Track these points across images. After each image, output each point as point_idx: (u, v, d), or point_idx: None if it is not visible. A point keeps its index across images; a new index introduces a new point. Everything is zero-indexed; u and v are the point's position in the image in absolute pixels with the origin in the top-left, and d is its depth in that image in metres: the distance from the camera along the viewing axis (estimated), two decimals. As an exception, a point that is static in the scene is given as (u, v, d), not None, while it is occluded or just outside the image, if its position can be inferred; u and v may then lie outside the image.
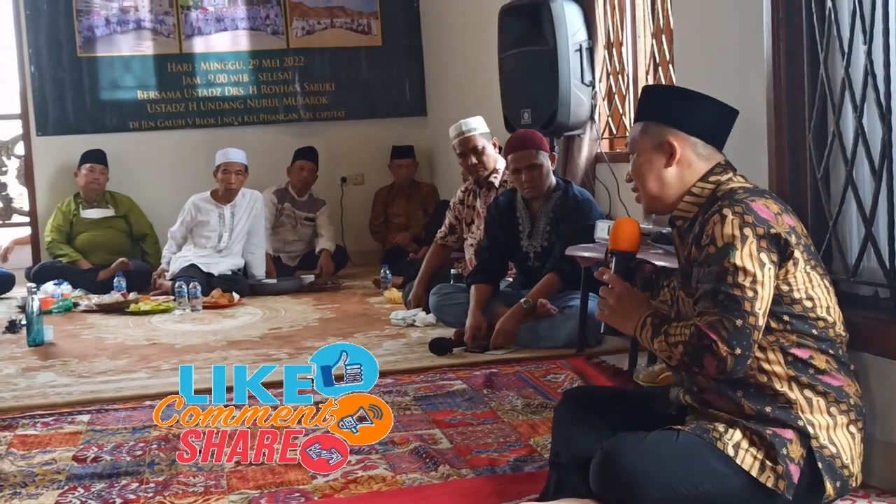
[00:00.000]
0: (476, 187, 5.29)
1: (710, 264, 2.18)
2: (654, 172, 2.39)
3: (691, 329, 2.17)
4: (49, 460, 3.03)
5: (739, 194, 2.24)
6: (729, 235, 2.16)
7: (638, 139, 2.42)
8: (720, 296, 2.14)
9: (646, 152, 2.40)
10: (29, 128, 7.55)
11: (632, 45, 5.15)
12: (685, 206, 2.38)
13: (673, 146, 2.36)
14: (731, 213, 2.18)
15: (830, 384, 2.21)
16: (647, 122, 2.42)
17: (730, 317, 2.12)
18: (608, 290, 2.41)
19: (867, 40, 2.60)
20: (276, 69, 7.89)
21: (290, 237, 7.30)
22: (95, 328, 5.47)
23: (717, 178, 2.35)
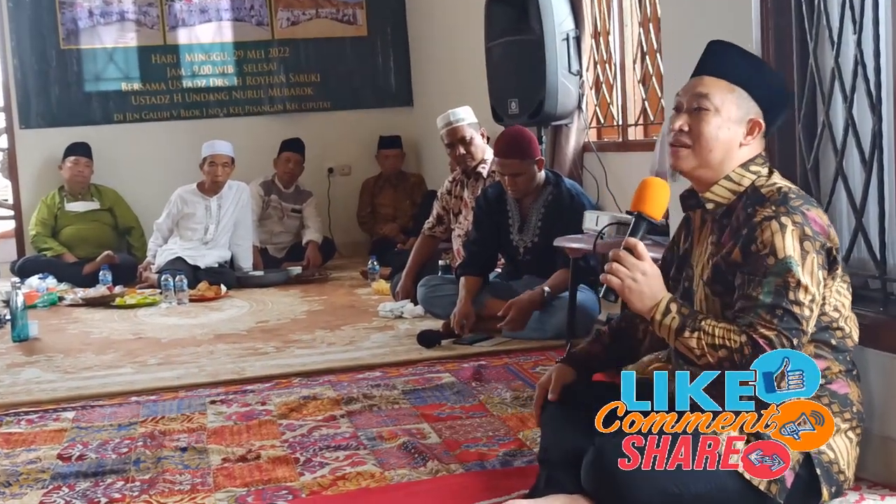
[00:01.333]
0: (464, 177, 5.27)
1: (767, 275, 2.08)
2: (727, 143, 2.24)
3: (742, 338, 2.07)
4: (33, 459, 2.99)
5: (793, 200, 2.14)
6: (791, 248, 2.07)
7: (726, 99, 2.23)
8: (779, 310, 2.06)
9: (729, 119, 2.23)
10: (12, 120, 7.50)
11: (619, 34, 5.13)
12: (720, 190, 2.26)
13: (759, 126, 2.25)
14: (790, 223, 2.09)
15: (837, 392, 2.19)
16: (737, 87, 2.24)
17: (787, 335, 2.06)
18: (634, 262, 2.18)
19: (857, 30, 2.58)
20: (261, 60, 7.84)
21: (276, 229, 7.26)
22: (81, 322, 5.43)
23: (758, 170, 2.26)
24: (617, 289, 2.19)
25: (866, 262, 2.63)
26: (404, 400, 3.47)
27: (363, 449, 2.94)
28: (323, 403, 3.46)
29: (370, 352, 4.29)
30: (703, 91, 2.24)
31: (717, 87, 2.24)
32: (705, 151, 2.24)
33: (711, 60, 2.29)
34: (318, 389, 3.65)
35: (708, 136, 2.22)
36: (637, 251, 2.18)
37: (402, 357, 4.13)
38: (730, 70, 2.26)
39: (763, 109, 2.25)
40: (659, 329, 2.19)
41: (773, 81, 2.34)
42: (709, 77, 2.26)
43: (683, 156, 2.26)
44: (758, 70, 2.32)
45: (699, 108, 2.23)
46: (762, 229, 2.11)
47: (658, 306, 2.17)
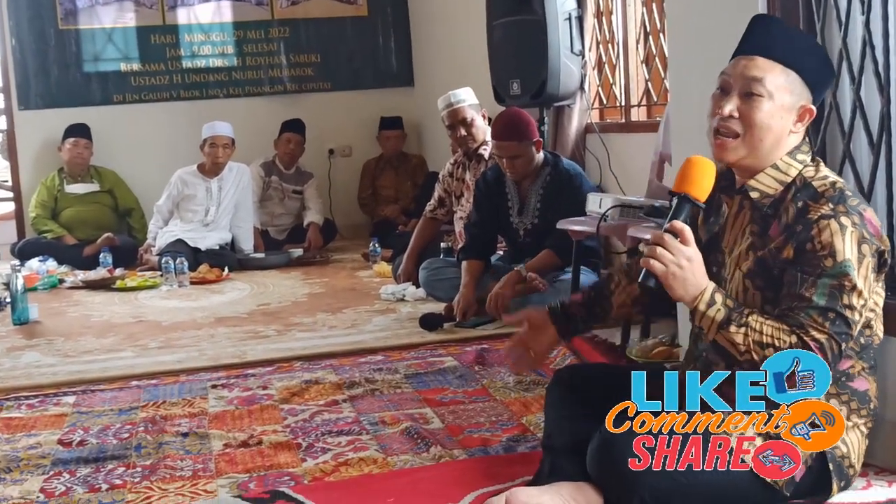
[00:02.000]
0: (465, 159, 5.23)
1: (823, 276, 2.00)
2: (779, 131, 2.10)
3: (792, 339, 1.99)
4: (34, 444, 2.97)
5: (850, 199, 2.04)
6: (849, 251, 1.99)
7: (780, 84, 2.08)
8: (832, 314, 1.99)
9: (782, 106, 2.08)
10: (11, 102, 7.46)
11: (622, 14, 5.09)
12: (767, 179, 2.14)
13: (810, 113, 2.12)
14: (850, 224, 2.00)
15: (857, 389, 2.15)
16: (792, 71, 2.09)
17: (838, 340, 1.99)
18: (680, 247, 2.02)
19: (865, 10, 2.54)
20: (260, 40, 7.80)
21: (277, 210, 7.24)
22: (81, 305, 5.41)
23: (804, 159, 2.14)
24: (660, 275, 2.02)
25: (874, 246, 2.60)
26: (406, 384, 3.45)
27: (365, 434, 2.92)
28: (325, 388, 3.44)
29: (372, 335, 4.27)
30: (757, 75, 2.08)
31: (771, 71, 2.08)
32: (756, 141, 2.10)
33: (763, 39, 2.12)
34: (319, 373, 3.64)
35: (760, 125, 2.08)
36: (683, 235, 2.02)
37: (404, 340, 4.11)
38: (784, 51, 2.09)
39: (813, 93, 2.12)
40: (701, 320, 2.06)
41: (824, 61, 2.20)
42: (762, 58, 2.09)
43: (732, 147, 2.11)
44: (810, 50, 2.17)
45: (751, 93, 2.08)
46: (820, 229, 2.01)
47: (702, 296, 2.05)
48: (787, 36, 2.16)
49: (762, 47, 2.11)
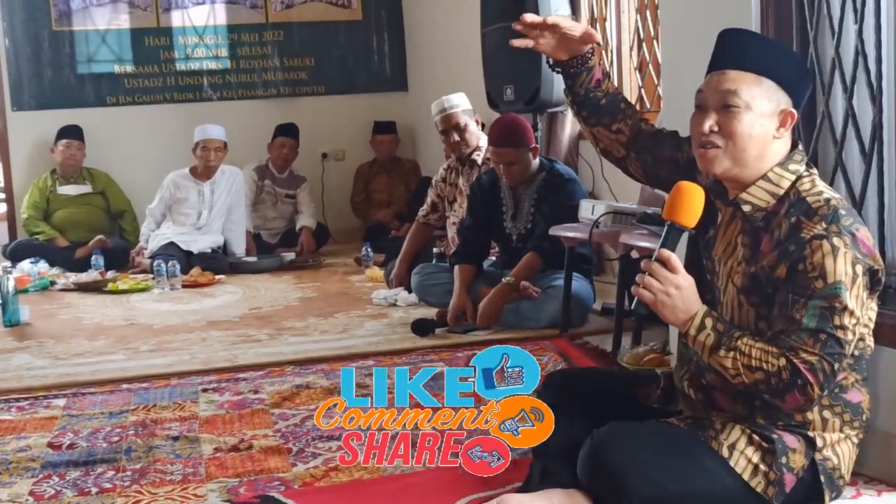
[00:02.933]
0: (458, 164, 5.24)
1: (813, 298, 1.98)
2: (762, 139, 2.08)
3: (781, 361, 1.98)
4: (23, 447, 2.97)
5: (844, 218, 2.02)
6: (842, 273, 1.97)
7: (755, 93, 2.07)
8: (822, 335, 1.97)
9: (761, 113, 2.07)
10: (4, 102, 7.44)
11: (615, 21, 5.10)
12: (758, 192, 2.11)
13: (791, 116, 2.09)
14: (842, 245, 1.98)
15: (850, 401, 2.15)
16: (764, 78, 2.08)
17: (829, 360, 1.97)
18: (667, 275, 2.05)
19: (858, 19, 2.55)
20: (254, 43, 7.79)
21: (270, 214, 7.23)
22: (73, 307, 5.40)
23: (797, 169, 2.11)
24: (649, 303, 2.06)
25: (865, 255, 2.60)
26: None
27: (356, 439, 2.91)
28: (316, 392, 3.43)
29: (364, 340, 4.26)
30: (730, 87, 2.07)
31: (744, 81, 2.07)
32: (739, 151, 2.08)
33: (731, 51, 2.12)
34: (311, 378, 3.63)
35: (742, 135, 2.07)
36: (671, 264, 2.05)
37: (395, 346, 4.11)
38: (754, 60, 2.09)
39: (792, 96, 2.11)
40: (693, 344, 2.08)
41: (797, 64, 2.20)
42: (732, 70, 2.09)
43: (716, 157, 2.10)
44: (782, 55, 2.16)
45: (728, 105, 2.07)
46: (812, 249, 1.99)
47: (693, 321, 2.06)
48: (756, 44, 2.16)
49: (732, 60, 2.11)
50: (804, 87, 2.18)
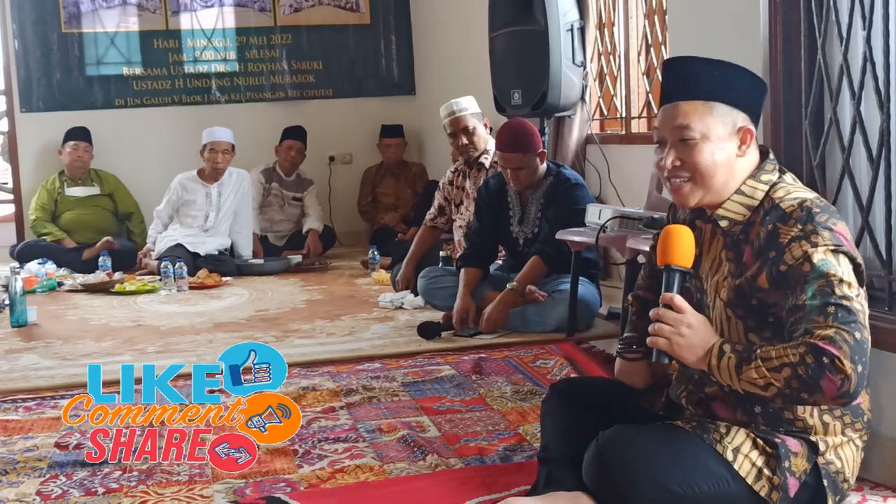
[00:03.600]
0: (466, 168, 5.24)
1: (808, 281, 1.96)
2: (726, 163, 2.09)
3: (801, 349, 1.91)
4: (31, 447, 2.97)
5: (818, 215, 2.01)
6: (824, 255, 1.97)
7: (708, 122, 2.07)
8: (830, 307, 1.93)
9: (718, 138, 2.08)
10: (13, 104, 7.48)
11: (624, 26, 5.10)
12: (733, 206, 2.12)
13: (750, 133, 2.10)
14: (821, 239, 1.98)
15: (851, 404, 2.12)
16: (713, 103, 2.08)
17: (846, 328, 1.90)
18: (676, 317, 2.03)
19: (866, 26, 2.56)
20: (263, 46, 7.82)
21: (277, 217, 7.24)
22: (80, 308, 5.41)
23: (770, 179, 2.12)
24: (666, 349, 2.04)
25: (872, 261, 2.61)
26: (404, 392, 3.45)
27: (362, 441, 2.92)
28: (322, 395, 3.44)
29: (370, 343, 4.27)
30: (682, 122, 2.08)
31: (694, 112, 2.08)
32: (707, 180, 2.10)
33: (677, 82, 2.13)
34: (317, 380, 3.64)
35: (705, 165, 2.08)
36: (675, 305, 2.04)
37: (401, 349, 4.11)
38: (700, 87, 2.10)
39: (747, 112, 2.11)
40: (719, 375, 2.02)
41: (744, 78, 2.17)
42: (682, 102, 2.10)
43: (687, 192, 2.12)
44: (725, 74, 2.13)
45: (684, 139, 2.09)
46: (791, 250, 2.00)
47: (712, 352, 2.03)
48: (701, 71, 2.13)
49: (679, 91, 2.12)
50: (757, 98, 2.18)
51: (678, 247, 2.09)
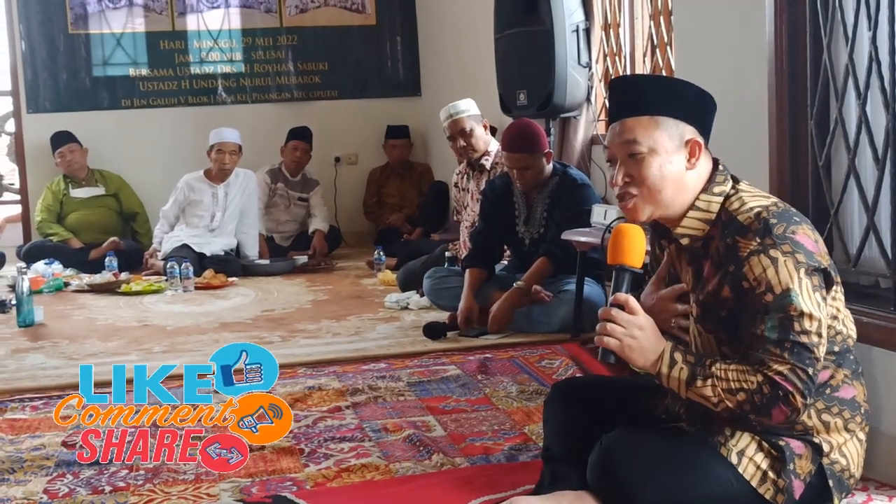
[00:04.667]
0: (469, 169, 5.25)
1: (769, 311, 1.97)
2: (675, 176, 2.09)
3: (758, 377, 1.97)
4: (38, 445, 2.98)
5: (776, 227, 2.00)
6: (786, 281, 1.96)
7: (654, 135, 2.08)
8: (787, 343, 1.96)
9: (666, 151, 2.08)
10: (20, 105, 7.49)
11: (629, 27, 5.10)
12: (691, 223, 2.12)
13: (698, 145, 2.10)
14: (780, 254, 1.97)
15: (844, 398, 2.14)
16: (659, 117, 2.09)
17: (802, 366, 1.96)
18: (629, 318, 2.03)
19: (872, 26, 2.56)
20: (269, 47, 7.83)
21: (283, 217, 7.25)
22: (86, 309, 5.43)
23: (723, 190, 2.12)
24: (616, 350, 2.03)
25: (877, 262, 2.61)
26: (409, 392, 3.46)
27: (368, 441, 2.93)
28: (328, 394, 3.45)
29: (375, 343, 4.28)
30: (629, 137, 2.10)
31: (640, 127, 2.09)
32: (655, 194, 2.10)
33: (621, 101, 2.16)
34: (323, 380, 3.65)
35: (653, 179, 2.08)
36: (629, 306, 2.04)
37: (407, 349, 4.12)
38: (643, 103, 2.11)
39: (694, 125, 2.12)
40: (668, 382, 2.05)
41: (689, 92, 2.17)
42: (628, 118, 2.11)
43: (635, 207, 2.12)
44: (669, 89, 2.18)
45: (632, 154, 2.10)
46: (751, 265, 2.00)
47: (662, 359, 2.04)
48: (645, 88, 2.17)
49: (625, 108, 2.14)
50: (704, 113, 2.17)
51: (630, 246, 2.08)
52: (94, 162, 7.26)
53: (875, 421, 2.28)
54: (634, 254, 2.08)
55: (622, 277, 2.08)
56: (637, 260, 2.08)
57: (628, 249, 2.08)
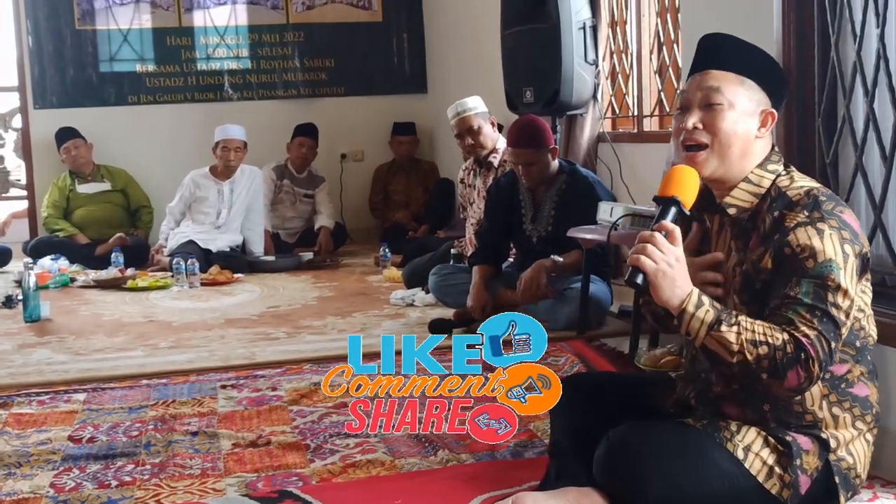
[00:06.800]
0: (476, 166, 5.25)
1: (806, 276, 1.97)
2: (745, 136, 2.10)
3: (784, 335, 1.94)
4: (44, 440, 2.99)
5: (825, 203, 2.02)
6: (831, 251, 1.96)
7: (738, 92, 2.10)
8: (818, 311, 1.95)
9: (744, 112, 2.10)
10: (26, 100, 7.51)
11: (636, 24, 5.09)
12: (741, 194, 2.13)
13: (772, 116, 2.12)
14: (827, 227, 1.98)
15: (857, 395, 2.13)
16: (746, 78, 2.11)
17: (827, 337, 1.94)
18: (670, 246, 1.98)
19: (880, 23, 2.56)
20: (275, 44, 7.83)
21: (288, 214, 7.26)
22: (92, 304, 5.44)
23: (776, 169, 2.13)
24: (650, 272, 1.96)
25: (884, 259, 2.61)
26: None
27: (373, 436, 2.93)
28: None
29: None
30: (714, 84, 2.10)
31: (726, 80, 2.10)
32: (724, 148, 2.09)
33: (712, 53, 2.16)
34: (328, 376, 3.64)
35: (726, 132, 2.08)
36: (673, 236, 1.99)
37: (413, 345, 4.11)
38: (735, 61, 2.12)
39: (771, 98, 2.14)
40: (689, 322, 1.99)
41: (775, 68, 2.22)
42: (715, 70, 2.12)
43: (703, 159, 2.11)
44: (760, 58, 2.18)
45: (711, 103, 2.10)
46: (796, 234, 2.00)
47: (690, 297, 1.99)
48: (736, 47, 2.17)
49: (714, 61, 2.14)
50: (782, 89, 2.20)
51: (683, 182, 2.06)
52: (101, 158, 7.27)
53: (882, 419, 2.27)
54: (688, 191, 2.05)
55: (668, 209, 2.04)
56: (689, 197, 2.05)
57: (683, 185, 2.05)
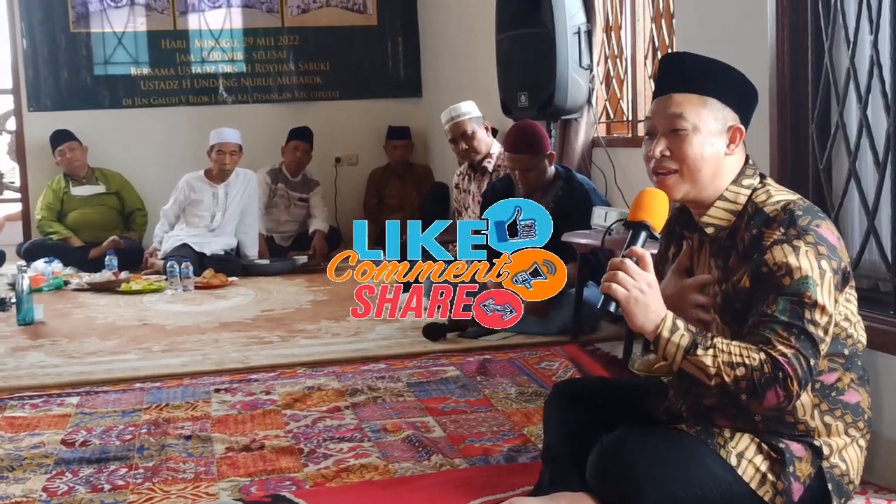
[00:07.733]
0: (470, 171, 5.25)
1: (783, 294, 1.96)
2: (714, 157, 2.09)
3: (761, 356, 1.94)
4: (37, 444, 2.99)
5: (801, 219, 2.01)
6: (806, 269, 1.95)
7: (701, 114, 2.08)
8: (795, 329, 1.94)
9: (709, 133, 2.08)
10: (21, 103, 7.49)
11: (631, 29, 5.10)
12: (717, 212, 2.12)
13: (740, 132, 2.11)
14: (803, 244, 1.97)
15: (849, 403, 2.13)
16: (708, 98, 2.08)
17: (805, 355, 1.93)
18: (641, 272, 1.98)
19: (874, 30, 2.57)
20: (270, 48, 7.83)
21: (283, 217, 7.25)
22: (86, 307, 5.43)
23: (751, 183, 2.12)
24: (622, 300, 1.97)
25: (877, 265, 2.62)
26: (409, 392, 3.46)
27: (367, 441, 2.93)
28: (327, 394, 3.45)
29: (375, 343, 4.27)
30: (675, 111, 2.08)
31: (689, 103, 2.08)
32: (694, 173, 2.09)
33: (673, 76, 2.14)
34: (322, 380, 3.65)
35: (693, 157, 2.07)
36: (643, 261, 1.99)
37: (407, 349, 4.12)
38: (696, 82, 2.10)
39: (738, 112, 2.12)
40: (665, 348, 1.99)
41: (739, 80, 2.16)
42: (677, 94, 2.10)
43: (672, 183, 2.10)
44: (722, 74, 2.14)
45: (676, 129, 2.09)
46: (772, 252, 1.99)
47: (664, 322, 1.99)
48: (697, 66, 2.14)
49: (675, 84, 2.12)
50: (749, 103, 2.18)
51: (652, 206, 2.06)
52: (96, 160, 7.26)
53: (875, 424, 2.27)
54: (657, 215, 2.06)
55: (639, 234, 2.05)
56: (658, 221, 2.06)
57: (651, 208, 2.06)
